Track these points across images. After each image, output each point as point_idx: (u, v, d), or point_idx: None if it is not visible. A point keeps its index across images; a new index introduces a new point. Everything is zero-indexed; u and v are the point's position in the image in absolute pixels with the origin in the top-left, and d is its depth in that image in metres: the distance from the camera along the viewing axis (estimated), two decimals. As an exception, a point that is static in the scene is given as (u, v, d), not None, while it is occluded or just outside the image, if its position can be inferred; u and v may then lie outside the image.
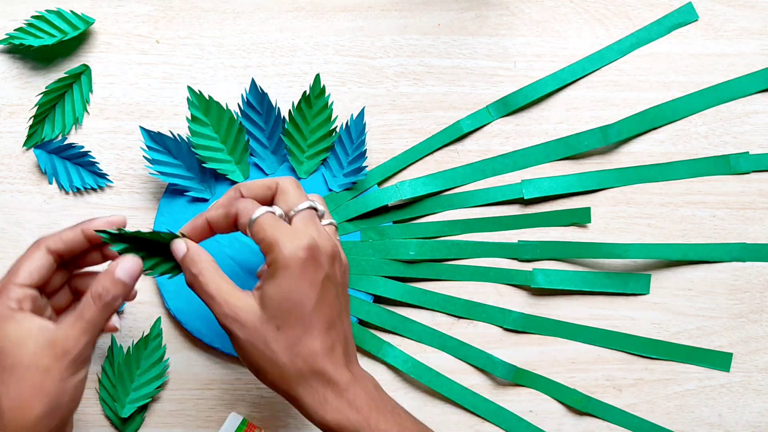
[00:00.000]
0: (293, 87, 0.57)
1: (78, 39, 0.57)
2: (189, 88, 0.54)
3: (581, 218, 0.56)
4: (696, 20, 0.58)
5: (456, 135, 0.57)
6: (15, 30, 0.56)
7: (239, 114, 0.55)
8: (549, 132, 0.57)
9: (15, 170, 0.57)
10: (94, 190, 0.57)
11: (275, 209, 0.46)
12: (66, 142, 0.56)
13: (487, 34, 0.58)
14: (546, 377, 0.56)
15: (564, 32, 0.58)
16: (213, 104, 0.54)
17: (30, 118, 0.57)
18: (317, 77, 0.54)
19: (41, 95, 0.56)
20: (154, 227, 0.56)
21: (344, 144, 0.55)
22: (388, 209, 0.57)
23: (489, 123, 0.57)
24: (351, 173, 0.55)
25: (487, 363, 0.56)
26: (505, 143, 0.57)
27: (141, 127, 0.54)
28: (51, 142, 0.56)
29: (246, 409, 0.55)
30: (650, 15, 0.58)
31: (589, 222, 0.56)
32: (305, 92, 0.54)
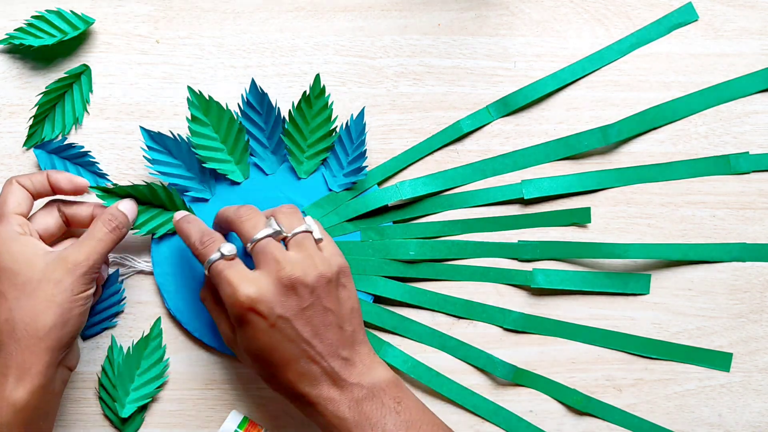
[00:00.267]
0: (293, 87, 0.57)
1: (78, 39, 0.57)
2: (189, 88, 0.54)
3: (581, 218, 0.56)
4: (696, 20, 0.58)
5: (456, 135, 0.57)
6: (15, 30, 0.56)
7: (239, 114, 0.55)
8: (549, 132, 0.57)
9: (15, 170, 0.57)
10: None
11: (271, 228, 0.48)
12: (66, 142, 0.56)
13: (487, 34, 0.58)
14: (546, 377, 0.56)
15: (564, 32, 0.58)
16: (213, 104, 0.54)
17: (30, 118, 0.57)
18: (317, 77, 0.54)
19: (41, 95, 0.56)
20: (154, 227, 0.56)
21: (344, 144, 0.55)
22: (388, 209, 0.57)
23: (489, 123, 0.57)
24: (351, 173, 0.55)
25: (487, 363, 0.56)
26: (505, 143, 0.57)
27: (141, 127, 0.54)
28: (51, 142, 0.56)
29: (246, 409, 0.55)
30: (650, 15, 0.58)
31: (589, 222, 0.56)
32: (305, 92, 0.54)
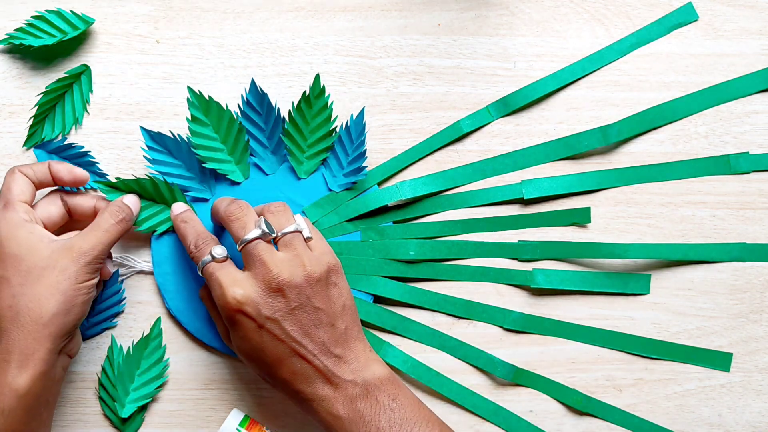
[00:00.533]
0: (293, 87, 0.57)
1: (78, 39, 0.57)
2: (189, 88, 0.54)
3: (581, 218, 0.56)
4: (696, 20, 0.58)
5: (456, 135, 0.57)
6: (15, 30, 0.56)
7: (239, 114, 0.55)
8: (549, 132, 0.57)
9: (15, 170, 0.57)
10: (94, 190, 0.57)
11: (260, 229, 0.48)
12: (66, 142, 0.56)
13: (487, 34, 0.58)
14: (546, 377, 0.56)
15: (564, 32, 0.58)
16: (213, 104, 0.54)
17: (30, 118, 0.57)
18: (317, 77, 0.54)
19: (41, 95, 0.56)
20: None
21: (344, 144, 0.55)
22: (388, 209, 0.57)
23: (489, 123, 0.57)
24: (351, 173, 0.55)
25: (487, 363, 0.56)
26: (505, 143, 0.57)
27: (141, 127, 0.54)
28: (51, 142, 0.56)
29: (246, 410, 0.55)
30: (650, 15, 0.58)
31: (589, 222, 0.56)
32: (305, 92, 0.54)
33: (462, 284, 0.57)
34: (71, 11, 0.56)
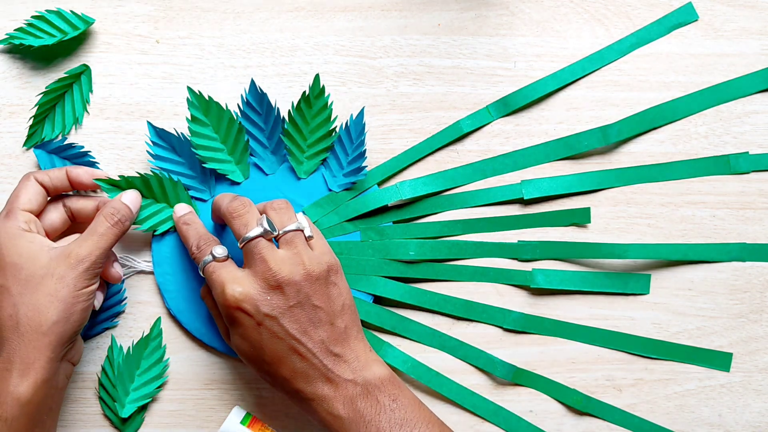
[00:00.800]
0: (293, 87, 0.57)
1: (78, 39, 0.57)
2: (189, 89, 0.54)
3: (581, 218, 0.56)
4: (696, 20, 0.58)
5: (456, 135, 0.57)
6: (15, 30, 0.56)
7: (239, 114, 0.55)
8: (549, 132, 0.57)
9: (15, 170, 0.57)
10: (95, 191, 0.56)
11: (261, 227, 0.48)
12: (66, 142, 0.56)
13: (487, 34, 0.58)
14: (546, 377, 0.56)
15: (564, 32, 0.58)
16: (213, 104, 0.54)
17: (30, 118, 0.57)
18: (317, 77, 0.54)
19: (41, 95, 0.56)
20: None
21: (344, 144, 0.55)
22: (388, 209, 0.57)
23: (489, 123, 0.57)
24: (351, 173, 0.55)
25: (487, 363, 0.56)
26: (505, 143, 0.57)
27: (148, 122, 0.55)
28: (51, 142, 0.56)
29: (246, 410, 0.55)
30: (650, 15, 0.58)
31: (589, 222, 0.56)
32: (305, 92, 0.54)
33: (462, 284, 0.57)
34: (71, 11, 0.56)
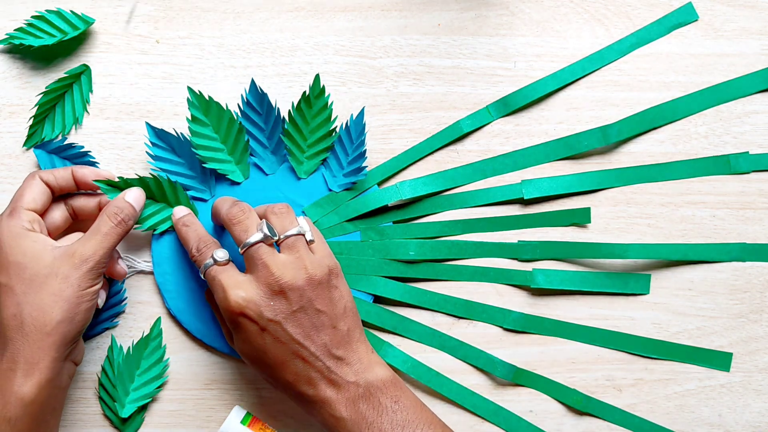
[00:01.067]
0: (293, 87, 0.57)
1: (78, 39, 0.57)
2: (189, 88, 0.54)
3: (581, 218, 0.56)
4: (696, 20, 0.58)
5: (456, 135, 0.57)
6: (15, 30, 0.56)
7: (239, 114, 0.55)
8: (549, 132, 0.57)
9: (15, 170, 0.57)
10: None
11: (262, 233, 0.48)
12: (66, 142, 0.56)
13: (487, 34, 0.58)
14: (546, 377, 0.56)
15: (564, 32, 0.58)
16: (213, 104, 0.54)
17: (30, 118, 0.57)
18: (317, 77, 0.54)
19: (41, 95, 0.56)
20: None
21: (344, 144, 0.55)
22: (388, 209, 0.57)
23: (489, 123, 0.57)
24: (351, 173, 0.55)
25: (487, 363, 0.56)
26: (505, 143, 0.57)
27: (147, 123, 0.54)
28: (51, 142, 0.56)
29: (246, 409, 0.55)
30: (650, 15, 0.58)
31: (589, 222, 0.56)
32: (305, 92, 0.54)
33: (462, 284, 0.57)
34: (71, 11, 0.56)
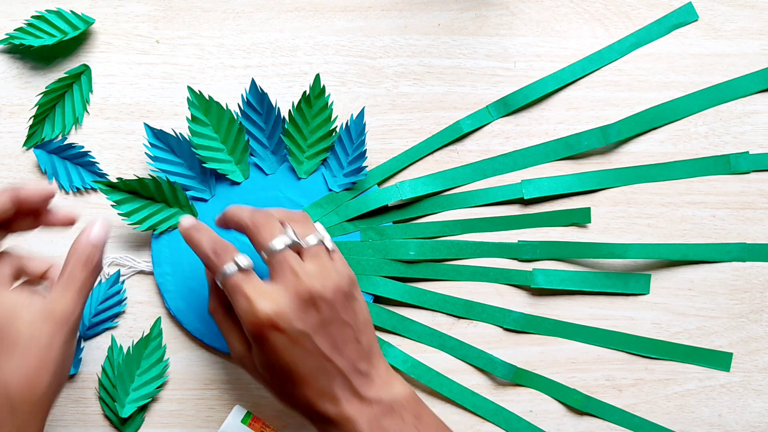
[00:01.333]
0: (293, 87, 0.57)
1: (78, 39, 0.57)
2: (189, 88, 0.54)
3: (581, 218, 0.56)
4: (696, 20, 0.58)
5: (456, 135, 0.57)
6: (15, 30, 0.56)
7: (239, 114, 0.55)
8: (549, 132, 0.57)
9: (15, 170, 0.57)
10: (94, 190, 0.57)
11: (289, 238, 0.46)
12: (66, 142, 0.56)
13: (487, 34, 0.58)
14: (546, 377, 0.56)
15: (564, 32, 0.58)
16: (213, 104, 0.54)
17: (30, 118, 0.57)
18: (317, 77, 0.54)
19: (41, 95, 0.56)
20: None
21: (344, 144, 0.55)
22: (388, 209, 0.57)
23: (489, 123, 0.57)
24: (351, 173, 0.55)
25: (487, 363, 0.56)
26: (505, 143, 0.57)
27: (145, 124, 0.54)
28: (51, 142, 0.56)
29: (246, 409, 0.55)
30: (650, 15, 0.58)
31: (589, 222, 0.56)
32: (305, 92, 0.54)
33: (462, 284, 0.57)
34: (71, 11, 0.56)
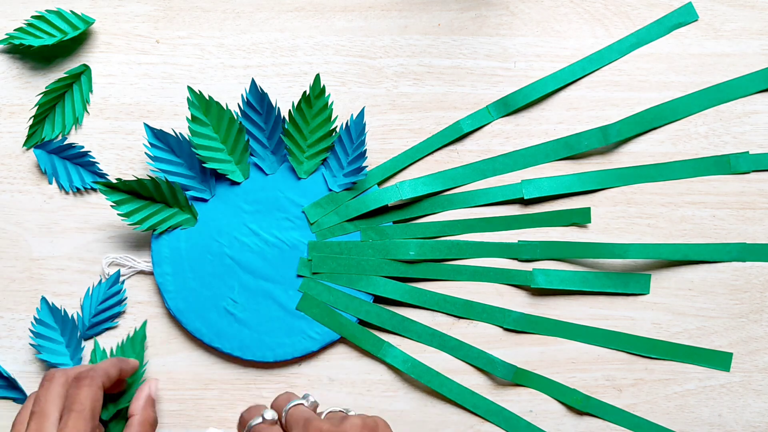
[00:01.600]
0: (293, 87, 0.57)
1: (78, 39, 0.57)
2: (189, 88, 0.54)
3: (581, 218, 0.56)
4: (696, 20, 0.58)
5: (456, 135, 0.57)
6: (15, 30, 0.56)
7: (239, 114, 0.55)
8: (549, 132, 0.57)
9: (15, 170, 0.57)
10: (94, 190, 0.57)
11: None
12: (66, 142, 0.56)
13: (487, 34, 0.58)
14: (546, 377, 0.56)
15: (564, 32, 0.58)
16: (213, 104, 0.54)
17: (30, 118, 0.57)
18: (317, 77, 0.54)
19: (41, 95, 0.56)
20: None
21: (344, 144, 0.55)
22: (388, 209, 0.57)
23: (489, 123, 0.57)
24: (351, 173, 0.55)
25: (487, 363, 0.56)
26: (505, 143, 0.57)
27: (144, 124, 0.54)
28: (51, 142, 0.56)
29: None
30: (650, 15, 0.58)
31: (589, 222, 0.56)
32: (305, 92, 0.54)
33: (462, 284, 0.57)
34: (71, 11, 0.56)
